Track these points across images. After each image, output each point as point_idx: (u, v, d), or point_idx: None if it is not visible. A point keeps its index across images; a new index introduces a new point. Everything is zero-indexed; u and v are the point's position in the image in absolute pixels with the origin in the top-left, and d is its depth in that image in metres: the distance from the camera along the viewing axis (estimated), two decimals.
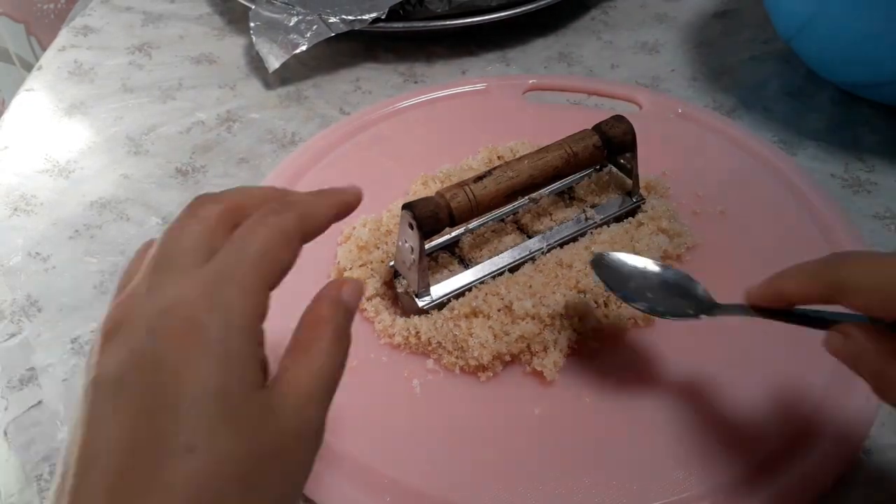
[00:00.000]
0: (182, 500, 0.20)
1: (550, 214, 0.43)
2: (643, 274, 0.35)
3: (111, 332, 0.22)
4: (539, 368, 0.36)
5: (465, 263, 0.41)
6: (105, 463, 0.20)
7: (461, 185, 0.37)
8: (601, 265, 0.36)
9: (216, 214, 0.24)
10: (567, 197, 0.45)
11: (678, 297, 0.34)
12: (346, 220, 0.28)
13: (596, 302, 0.38)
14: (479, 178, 0.37)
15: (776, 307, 0.30)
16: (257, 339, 0.22)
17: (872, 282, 0.26)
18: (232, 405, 0.21)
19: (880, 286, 0.25)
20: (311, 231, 0.25)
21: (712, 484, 0.32)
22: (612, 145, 0.41)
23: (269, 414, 0.22)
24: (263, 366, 0.23)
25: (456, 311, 0.37)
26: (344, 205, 0.27)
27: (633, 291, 0.34)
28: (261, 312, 0.23)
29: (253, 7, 0.63)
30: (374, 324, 0.39)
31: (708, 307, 0.33)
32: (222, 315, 0.21)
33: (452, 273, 0.40)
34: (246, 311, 0.22)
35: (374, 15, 0.59)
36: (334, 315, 0.25)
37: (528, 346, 0.37)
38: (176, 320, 0.21)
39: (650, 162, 0.44)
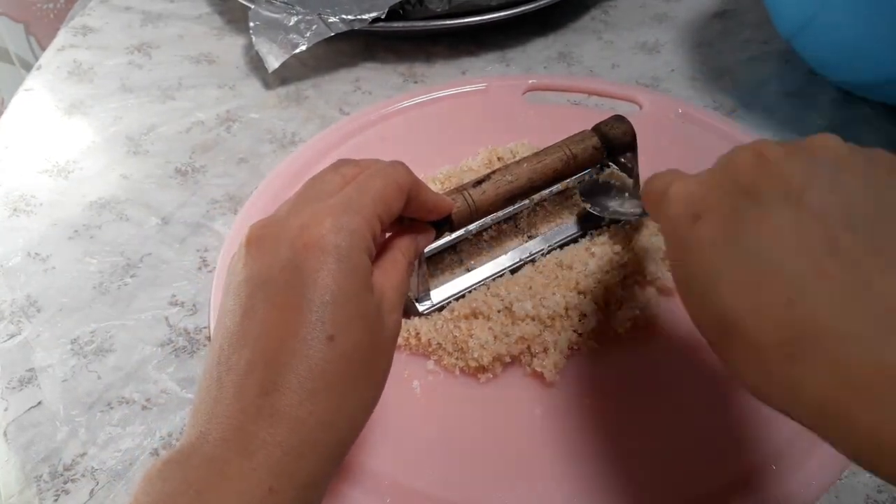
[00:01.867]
0: (323, 374, 0.24)
1: (551, 215, 0.43)
2: (617, 189, 0.43)
3: (253, 243, 0.27)
4: (539, 369, 0.36)
5: (466, 266, 0.41)
6: (259, 342, 0.24)
7: (460, 189, 0.37)
8: (590, 193, 0.42)
9: (353, 173, 0.29)
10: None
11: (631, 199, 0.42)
12: None
13: (596, 303, 0.38)
14: (479, 183, 0.37)
15: None
16: (371, 255, 0.27)
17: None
18: (359, 305, 0.26)
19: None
20: (415, 194, 0.30)
21: (713, 484, 0.32)
22: (612, 146, 0.41)
23: (379, 314, 0.27)
24: (371, 275, 0.28)
25: (456, 313, 0.37)
26: (442, 204, 0.33)
27: (611, 212, 0.41)
28: (374, 235, 0.27)
29: (252, 7, 0.63)
30: None
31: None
32: (347, 235, 0.26)
33: (453, 276, 0.40)
34: (364, 233, 0.27)
35: (373, 15, 0.59)
36: (409, 249, 0.31)
37: (529, 348, 0.37)
38: (311, 237, 0.25)
39: (651, 162, 0.44)
